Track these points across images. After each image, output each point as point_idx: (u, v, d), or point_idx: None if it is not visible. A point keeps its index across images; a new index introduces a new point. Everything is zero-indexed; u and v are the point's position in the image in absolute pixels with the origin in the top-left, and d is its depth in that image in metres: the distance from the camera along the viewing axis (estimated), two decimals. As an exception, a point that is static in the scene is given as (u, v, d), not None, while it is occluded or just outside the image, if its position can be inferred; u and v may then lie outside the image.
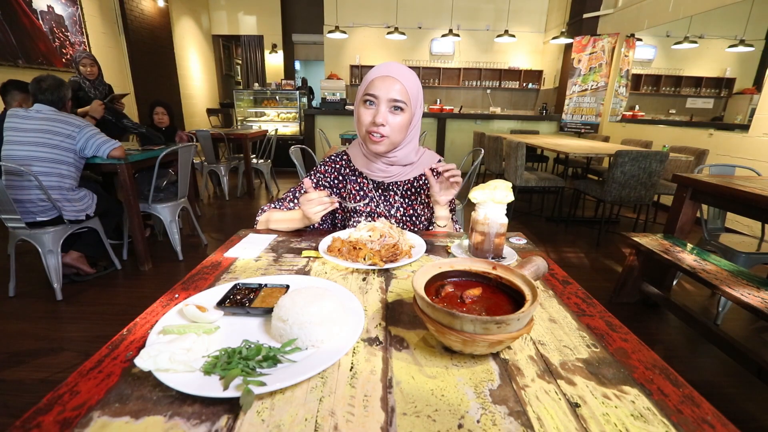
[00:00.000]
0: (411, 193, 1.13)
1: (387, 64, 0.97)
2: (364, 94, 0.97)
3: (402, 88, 0.95)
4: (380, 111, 0.95)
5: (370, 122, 0.97)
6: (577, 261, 2.88)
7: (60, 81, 2.13)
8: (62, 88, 2.12)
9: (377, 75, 0.96)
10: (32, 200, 2.01)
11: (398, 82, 0.94)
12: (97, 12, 4.86)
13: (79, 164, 2.17)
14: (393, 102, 0.95)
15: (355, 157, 1.11)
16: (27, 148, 1.98)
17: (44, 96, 2.06)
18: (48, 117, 2.04)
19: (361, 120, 0.99)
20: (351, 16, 7.03)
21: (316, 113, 5.88)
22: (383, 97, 0.95)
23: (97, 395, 0.46)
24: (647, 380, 0.50)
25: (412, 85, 0.97)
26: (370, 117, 0.97)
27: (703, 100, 7.06)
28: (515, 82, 7.45)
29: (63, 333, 1.86)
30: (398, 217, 1.11)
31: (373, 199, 1.11)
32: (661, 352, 1.82)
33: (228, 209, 4.14)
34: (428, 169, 1.02)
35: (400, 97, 0.95)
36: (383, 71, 0.96)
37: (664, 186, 3.43)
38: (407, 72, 0.97)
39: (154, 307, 0.66)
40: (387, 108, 0.96)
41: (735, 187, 1.74)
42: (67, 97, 2.17)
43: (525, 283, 0.59)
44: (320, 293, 0.59)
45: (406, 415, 0.44)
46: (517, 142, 3.58)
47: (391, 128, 0.97)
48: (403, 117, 0.97)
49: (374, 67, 0.98)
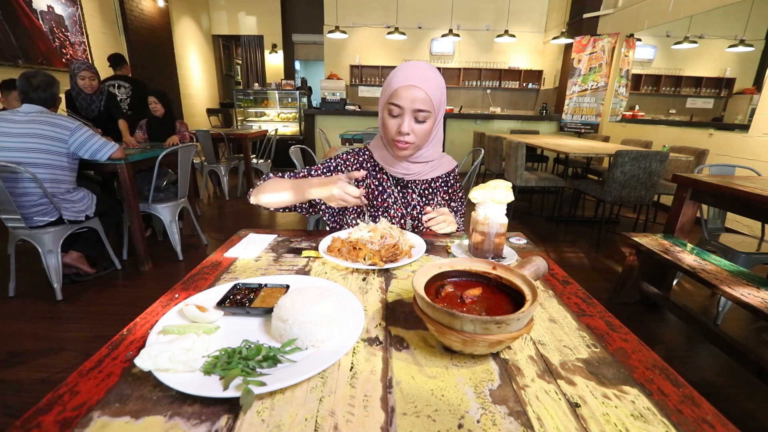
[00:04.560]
0: (429, 192, 1.16)
1: (410, 69, 0.95)
2: (388, 103, 0.96)
3: (426, 97, 0.94)
4: (405, 121, 0.95)
5: (396, 131, 0.98)
6: (577, 261, 2.88)
7: (51, 78, 2.02)
8: (54, 85, 2.03)
9: (401, 84, 0.94)
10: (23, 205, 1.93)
11: (422, 91, 0.93)
12: (97, 12, 4.86)
13: (74, 165, 2.10)
14: (417, 112, 0.95)
15: (377, 152, 1.11)
16: (17, 155, 1.87)
17: (36, 94, 1.95)
18: (36, 120, 1.91)
19: (387, 127, 0.99)
20: (351, 16, 7.03)
21: (316, 113, 5.88)
22: (408, 107, 0.94)
23: (97, 395, 0.46)
24: (647, 380, 0.50)
25: (436, 89, 0.96)
26: (396, 126, 0.97)
27: (703, 100, 7.06)
28: (515, 82, 7.45)
29: (63, 333, 1.86)
30: (414, 215, 1.13)
31: (391, 195, 1.12)
32: (661, 352, 1.82)
33: (228, 209, 4.14)
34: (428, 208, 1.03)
35: (424, 107, 0.94)
36: (408, 80, 0.93)
37: (664, 186, 3.43)
38: (431, 76, 0.96)
39: (154, 307, 0.66)
40: (411, 118, 0.96)
41: (735, 187, 1.74)
42: (57, 95, 2.07)
43: (525, 283, 0.59)
44: (320, 293, 0.59)
45: (406, 415, 0.44)
46: (517, 142, 3.58)
47: (417, 136, 0.98)
48: (427, 124, 0.98)
49: (398, 70, 0.96)
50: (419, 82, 0.93)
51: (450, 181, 1.19)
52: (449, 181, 1.19)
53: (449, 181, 1.19)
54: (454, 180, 1.20)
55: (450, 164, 1.18)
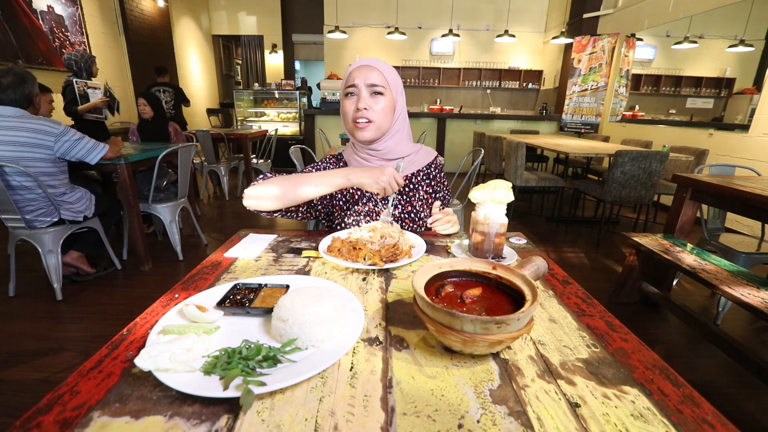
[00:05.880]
0: (408, 189, 1.13)
1: (364, 58, 1.03)
2: (345, 88, 1.02)
3: (379, 74, 0.99)
4: (361, 96, 0.99)
5: (353, 110, 1.01)
6: (577, 261, 2.88)
7: (22, 76, 1.85)
8: (26, 84, 1.85)
9: (355, 67, 1.01)
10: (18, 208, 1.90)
11: (375, 70, 0.99)
12: (97, 12, 4.86)
13: (63, 168, 2.02)
14: (372, 87, 0.99)
15: (349, 159, 1.13)
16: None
17: (6, 95, 1.78)
18: (15, 126, 1.78)
19: (346, 112, 1.03)
20: (351, 16, 7.03)
21: (316, 113, 5.88)
22: (361, 83, 0.99)
23: (97, 395, 0.46)
24: (647, 380, 0.50)
25: (389, 72, 1.01)
26: (353, 105, 1.01)
27: (703, 100, 7.06)
28: (515, 82, 7.45)
29: (63, 333, 1.86)
30: (396, 214, 1.12)
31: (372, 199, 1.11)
32: (661, 352, 1.82)
33: (228, 209, 4.14)
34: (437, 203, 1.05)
35: (377, 81, 0.99)
36: (360, 62, 1.01)
37: (664, 186, 3.43)
38: (384, 62, 1.02)
39: (154, 307, 0.66)
40: (367, 93, 1.00)
41: (735, 187, 1.74)
42: (33, 93, 1.90)
43: (525, 283, 0.59)
44: (320, 293, 0.59)
45: (406, 415, 0.44)
46: (517, 142, 3.58)
47: (374, 112, 1.00)
48: (384, 101, 1.01)
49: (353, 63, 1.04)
50: (372, 63, 1.00)
51: (432, 173, 1.16)
52: (431, 173, 1.16)
53: (431, 173, 1.16)
54: (437, 171, 1.17)
55: (428, 155, 1.16)
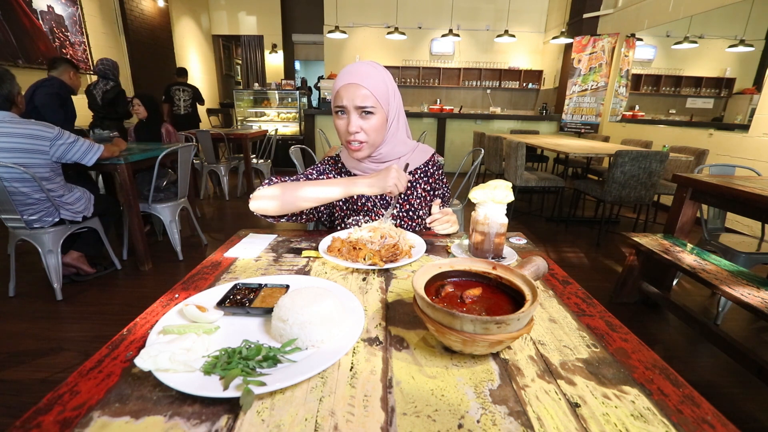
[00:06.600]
0: (408, 188, 1.13)
1: (350, 69, 0.95)
2: (334, 105, 0.98)
3: (367, 93, 0.93)
4: (351, 120, 0.94)
5: (345, 131, 0.97)
6: (577, 261, 2.88)
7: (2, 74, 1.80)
8: (5, 83, 1.79)
9: (341, 84, 0.94)
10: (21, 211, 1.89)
11: (362, 87, 0.92)
12: (97, 12, 4.86)
13: (58, 170, 2.00)
14: (360, 109, 0.94)
15: (346, 159, 1.12)
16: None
17: None
18: (10, 132, 1.75)
19: (338, 128, 1.00)
20: (351, 16, 7.03)
21: (316, 113, 5.88)
22: (349, 105, 0.94)
23: (97, 395, 0.46)
24: (647, 380, 0.50)
25: (378, 85, 0.94)
26: (344, 127, 0.97)
27: (703, 100, 7.06)
28: (515, 82, 7.45)
29: (63, 333, 1.86)
30: (394, 213, 1.12)
31: (370, 199, 1.11)
32: (661, 352, 1.82)
33: (228, 209, 4.14)
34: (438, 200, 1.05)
35: (366, 103, 0.93)
36: (346, 79, 0.94)
37: (664, 186, 3.43)
38: (372, 72, 0.94)
39: (154, 307, 0.66)
40: (357, 115, 0.95)
41: (735, 187, 1.74)
42: (14, 92, 1.84)
43: (525, 283, 0.59)
44: (320, 293, 0.59)
45: (406, 415, 0.44)
46: (517, 142, 3.58)
47: (366, 133, 0.97)
48: (375, 119, 0.96)
49: (339, 73, 0.96)
50: (358, 80, 0.92)
51: (430, 170, 1.15)
52: (429, 170, 1.14)
53: (429, 170, 1.14)
54: (435, 168, 1.15)
55: (424, 153, 1.13)
